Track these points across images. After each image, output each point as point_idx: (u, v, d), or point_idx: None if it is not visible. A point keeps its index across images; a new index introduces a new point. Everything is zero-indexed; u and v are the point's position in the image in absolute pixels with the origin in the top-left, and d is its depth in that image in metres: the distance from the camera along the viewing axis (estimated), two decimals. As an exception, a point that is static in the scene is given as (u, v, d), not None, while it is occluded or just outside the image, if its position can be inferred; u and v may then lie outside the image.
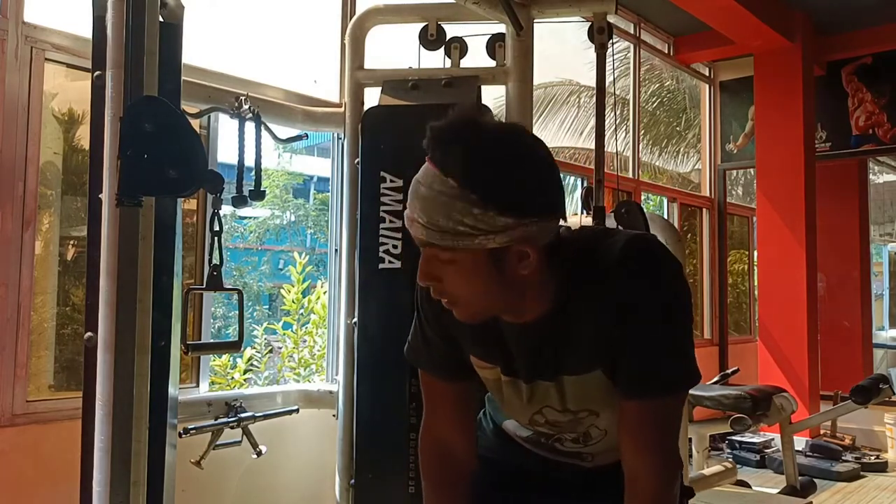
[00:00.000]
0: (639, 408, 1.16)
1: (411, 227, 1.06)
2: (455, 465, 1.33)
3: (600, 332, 1.14)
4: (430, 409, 1.35)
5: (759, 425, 4.15)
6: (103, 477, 1.75)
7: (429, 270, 1.08)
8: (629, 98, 6.18)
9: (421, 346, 1.30)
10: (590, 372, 1.18)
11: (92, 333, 1.84)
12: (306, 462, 3.18)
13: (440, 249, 1.05)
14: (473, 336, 1.23)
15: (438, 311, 1.20)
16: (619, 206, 2.79)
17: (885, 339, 9.27)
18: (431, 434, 1.35)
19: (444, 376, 1.31)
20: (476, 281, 1.07)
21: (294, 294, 5.02)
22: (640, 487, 1.17)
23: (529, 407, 1.27)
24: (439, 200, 1.02)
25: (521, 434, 1.40)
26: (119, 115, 1.73)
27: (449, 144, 1.03)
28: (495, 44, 2.97)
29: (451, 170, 1.02)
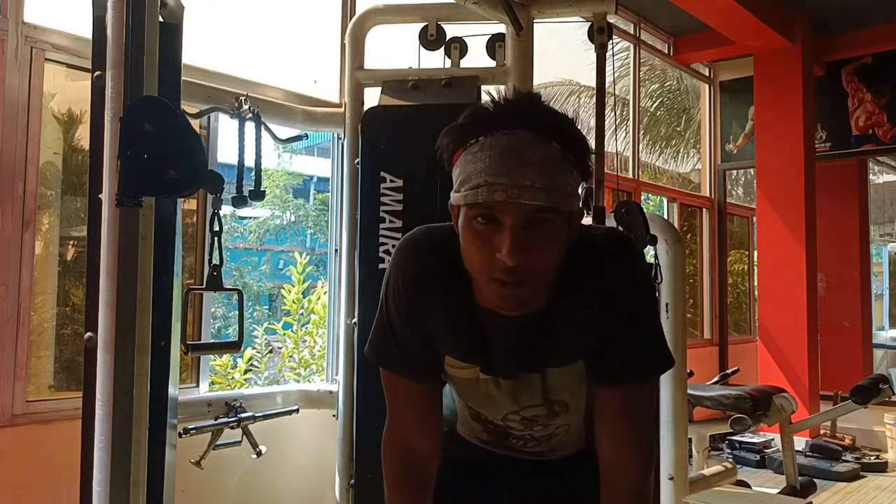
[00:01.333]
0: (620, 394, 1.20)
1: (521, 195, 0.99)
2: (421, 468, 1.30)
3: (583, 322, 1.16)
4: (396, 411, 1.31)
5: (759, 425, 4.15)
6: (103, 477, 1.75)
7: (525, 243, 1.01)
8: (629, 98, 6.18)
9: (390, 347, 1.25)
10: (573, 363, 1.20)
11: (92, 333, 1.84)
12: (306, 462, 3.18)
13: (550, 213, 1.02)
14: (453, 333, 1.21)
15: (418, 307, 1.19)
16: (619, 206, 2.78)
17: (885, 339, 9.27)
18: (396, 436, 1.31)
19: (413, 377, 1.26)
20: (559, 245, 1.06)
21: (294, 294, 5.02)
22: (618, 473, 1.21)
23: (510, 405, 1.26)
24: (551, 163, 1.01)
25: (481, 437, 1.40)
26: (119, 115, 1.73)
27: (546, 112, 1.06)
28: (495, 44, 2.97)
29: (554, 134, 1.03)
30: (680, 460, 2.96)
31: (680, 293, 2.95)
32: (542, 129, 1.03)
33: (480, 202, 1.01)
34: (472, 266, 1.08)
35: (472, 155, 1.03)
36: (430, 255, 1.19)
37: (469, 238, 1.06)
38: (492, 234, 1.03)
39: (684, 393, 3.03)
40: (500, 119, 1.03)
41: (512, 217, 1.01)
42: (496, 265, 1.03)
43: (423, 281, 1.19)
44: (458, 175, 1.06)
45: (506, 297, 1.06)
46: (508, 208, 1.00)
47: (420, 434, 1.30)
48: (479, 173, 1.01)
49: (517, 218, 1.01)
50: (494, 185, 1.00)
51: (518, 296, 1.07)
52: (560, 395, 1.25)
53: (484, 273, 1.06)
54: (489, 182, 1.00)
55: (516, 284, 1.04)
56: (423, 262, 1.19)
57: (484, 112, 1.06)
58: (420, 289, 1.19)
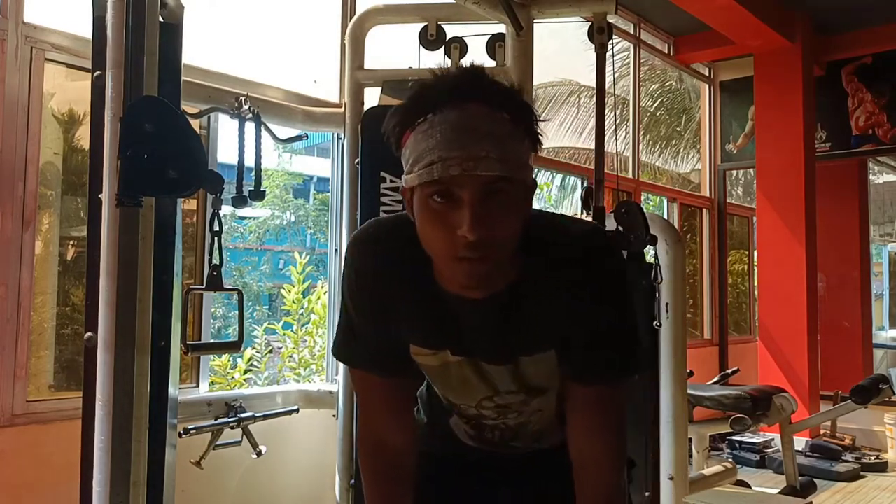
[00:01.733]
0: (596, 393, 1.19)
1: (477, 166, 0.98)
2: (395, 463, 1.29)
3: (556, 313, 1.14)
4: (369, 409, 1.31)
5: (759, 425, 4.15)
6: (103, 477, 1.75)
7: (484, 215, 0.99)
8: (629, 98, 6.18)
9: (354, 343, 1.23)
10: (545, 352, 1.19)
11: (92, 333, 1.84)
12: (306, 462, 3.18)
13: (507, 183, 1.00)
14: (416, 321, 1.18)
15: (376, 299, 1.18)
16: (619, 206, 2.78)
17: (885, 339, 9.27)
18: (373, 434, 1.30)
19: (380, 373, 1.24)
20: (519, 219, 1.05)
21: (294, 294, 5.02)
22: (591, 473, 1.20)
23: (484, 389, 1.25)
24: (503, 133, 1.00)
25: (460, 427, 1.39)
26: (119, 115, 1.73)
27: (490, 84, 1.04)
28: (495, 44, 2.97)
29: (503, 105, 1.02)
30: (680, 460, 2.96)
31: (680, 293, 2.95)
32: (490, 101, 1.01)
33: (436, 178, 0.99)
34: (433, 247, 1.06)
35: (422, 133, 1.01)
36: (383, 246, 1.17)
37: (426, 219, 1.03)
38: (449, 211, 1.01)
39: (684, 393, 3.03)
40: (446, 94, 1.01)
41: (469, 190, 0.99)
42: (458, 243, 1.01)
43: (379, 273, 1.16)
44: (409, 156, 1.04)
45: (470, 274, 1.04)
46: (465, 182, 0.99)
47: (392, 429, 1.28)
48: (432, 150, 0.99)
49: (474, 191, 0.99)
50: (449, 160, 0.98)
51: (482, 272, 1.04)
52: (537, 381, 1.24)
53: (446, 253, 1.04)
54: (443, 157, 0.98)
55: (480, 260, 1.02)
56: (377, 253, 1.17)
57: (429, 89, 1.03)
58: (376, 281, 1.17)
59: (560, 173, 8.17)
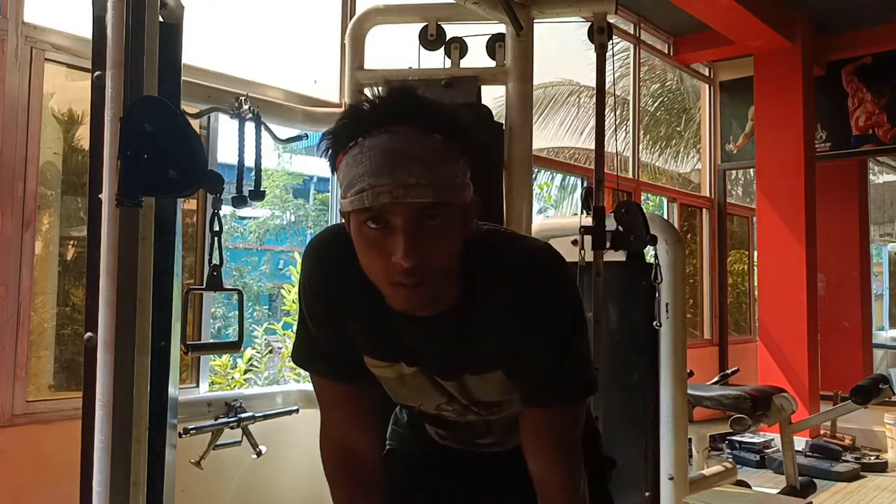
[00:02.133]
0: (545, 415, 1.18)
1: (407, 194, 0.95)
2: (362, 468, 1.28)
3: (502, 334, 1.12)
4: (327, 414, 1.28)
5: (759, 425, 4.15)
6: (103, 477, 1.75)
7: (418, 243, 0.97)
8: (629, 98, 6.18)
9: (310, 349, 1.22)
10: (490, 372, 1.17)
11: (92, 333, 1.84)
12: (306, 462, 3.17)
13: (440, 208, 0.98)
14: (369, 333, 1.17)
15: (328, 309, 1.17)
16: (619, 206, 2.79)
17: (885, 339, 9.27)
18: (332, 439, 1.28)
19: (338, 378, 1.23)
20: (456, 239, 1.02)
21: (294, 294, 5.01)
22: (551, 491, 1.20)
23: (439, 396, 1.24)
24: (434, 156, 0.97)
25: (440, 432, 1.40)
26: (119, 115, 1.73)
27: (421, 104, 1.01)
28: (495, 44, 2.97)
29: (434, 126, 0.99)
30: (680, 460, 2.97)
31: (680, 293, 2.95)
32: (420, 123, 0.98)
33: (367, 206, 0.96)
34: (371, 273, 1.04)
35: (353, 158, 0.99)
36: (337, 256, 1.13)
37: (362, 245, 1.02)
38: (384, 237, 0.99)
39: (684, 393, 3.03)
40: (376, 117, 0.99)
41: (401, 217, 0.97)
42: (394, 269, 0.99)
43: (332, 282, 1.15)
44: (342, 180, 1.01)
45: (409, 298, 1.03)
46: (396, 209, 0.96)
47: (353, 433, 1.27)
48: (362, 176, 0.97)
49: (407, 218, 0.97)
50: (378, 188, 0.95)
51: (421, 296, 1.03)
52: (485, 396, 1.23)
53: (383, 279, 1.02)
54: (373, 185, 0.95)
55: (417, 285, 1.00)
56: (331, 262, 1.15)
57: (359, 112, 1.01)
58: (329, 290, 1.15)
59: (560, 173, 8.18)
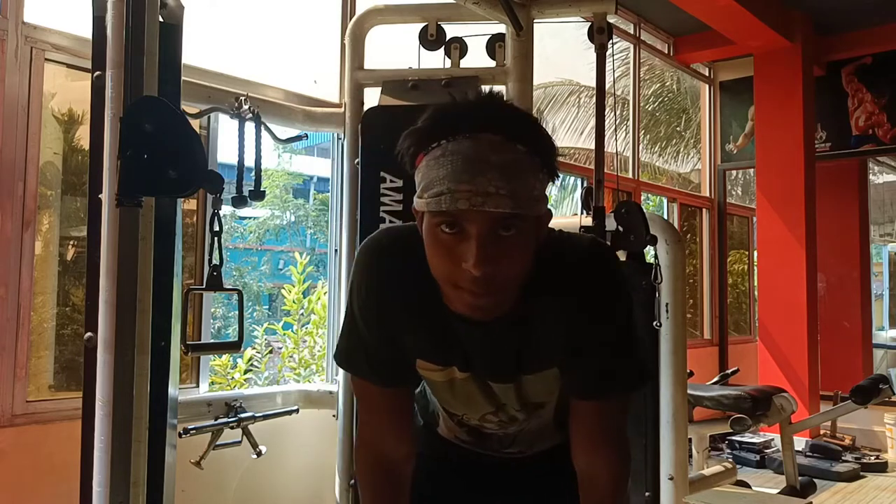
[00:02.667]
0: (598, 407, 1.19)
1: (486, 202, 0.94)
2: (394, 473, 1.28)
3: (559, 332, 1.13)
4: (367, 416, 1.29)
5: (759, 425, 4.15)
6: (103, 477, 1.75)
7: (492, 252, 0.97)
8: (629, 98, 6.18)
9: (358, 351, 1.21)
10: (547, 370, 1.19)
11: (92, 334, 1.84)
12: (306, 462, 3.18)
13: (514, 219, 0.97)
14: (425, 337, 1.17)
15: (384, 311, 1.16)
16: (619, 206, 2.79)
17: (885, 339, 9.27)
18: (370, 443, 1.28)
19: (382, 382, 1.22)
20: (528, 252, 1.02)
21: (294, 294, 5.02)
22: (596, 483, 1.21)
23: (488, 405, 1.25)
24: (516, 167, 0.97)
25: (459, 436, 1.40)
26: (119, 115, 1.73)
27: (507, 113, 1.01)
28: (495, 44, 2.97)
29: (519, 136, 0.98)
30: (680, 460, 2.96)
31: (680, 293, 2.95)
32: (505, 132, 0.98)
33: (444, 210, 0.96)
34: (438, 274, 1.04)
35: (435, 160, 0.98)
36: (394, 259, 1.14)
37: (433, 246, 1.01)
38: (457, 242, 0.98)
39: (684, 393, 3.03)
40: (462, 122, 0.99)
41: (477, 225, 0.96)
42: (462, 275, 0.99)
43: (389, 286, 1.14)
44: (421, 180, 1.01)
45: (473, 306, 1.03)
46: (473, 216, 0.96)
47: (391, 439, 1.26)
48: (442, 180, 0.96)
49: (482, 226, 0.96)
50: (458, 193, 0.95)
51: (485, 305, 1.03)
52: (537, 397, 1.25)
53: (449, 282, 1.02)
54: (452, 189, 0.95)
55: (483, 294, 1.00)
56: (388, 266, 1.15)
57: (445, 114, 1.01)
58: (385, 294, 1.15)
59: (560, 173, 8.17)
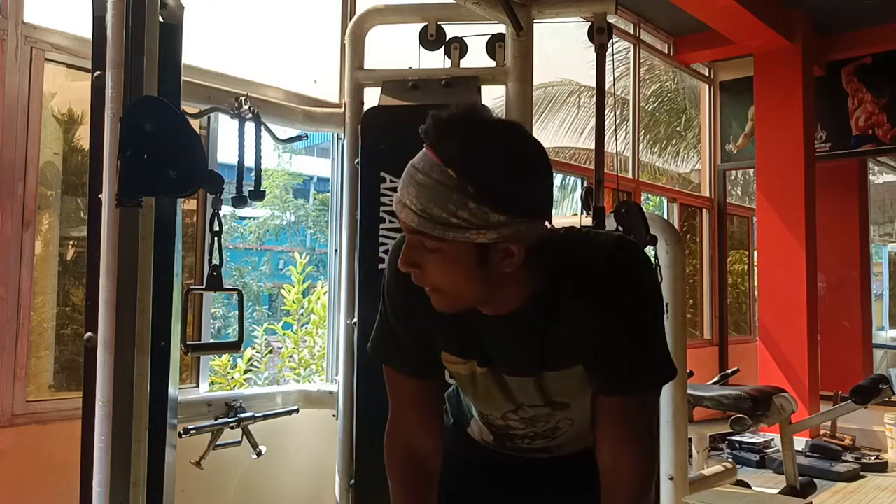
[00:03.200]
0: (622, 404, 1.19)
1: (401, 212, 1.04)
2: (423, 467, 1.32)
3: (584, 328, 1.15)
4: (396, 408, 1.33)
5: (759, 425, 4.15)
6: (103, 477, 1.75)
7: (412, 258, 1.07)
8: (629, 98, 6.18)
9: (388, 342, 1.28)
10: (571, 367, 1.20)
11: (92, 334, 1.84)
12: (306, 462, 3.18)
13: (428, 238, 1.04)
14: (446, 330, 1.21)
15: (409, 305, 1.21)
16: (619, 206, 2.78)
17: (885, 339, 9.27)
18: (398, 434, 1.33)
19: (412, 373, 1.28)
20: (458, 273, 1.06)
21: (294, 294, 5.02)
22: (619, 484, 1.20)
23: (508, 402, 1.27)
24: (437, 190, 1.01)
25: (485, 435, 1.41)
26: (119, 115, 1.73)
27: (452, 135, 1.02)
28: (495, 44, 2.97)
29: (453, 161, 1.01)
30: (680, 460, 2.96)
31: (680, 293, 2.95)
32: (443, 154, 1.01)
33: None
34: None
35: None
36: None
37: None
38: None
39: (684, 393, 3.03)
40: (426, 134, 1.05)
41: (405, 229, 1.07)
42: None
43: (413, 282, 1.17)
44: None
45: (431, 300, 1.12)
46: (401, 221, 1.06)
47: (419, 431, 1.31)
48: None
49: (407, 233, 1.07)
50: (395, 196, 1.07)
51: (435, 301, 1.11)
52: (560, 396, 1.25)
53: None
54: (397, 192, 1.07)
55: (428, 291, 1.11)
56: None
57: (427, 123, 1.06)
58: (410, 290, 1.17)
59: (560, 173, 8.15)
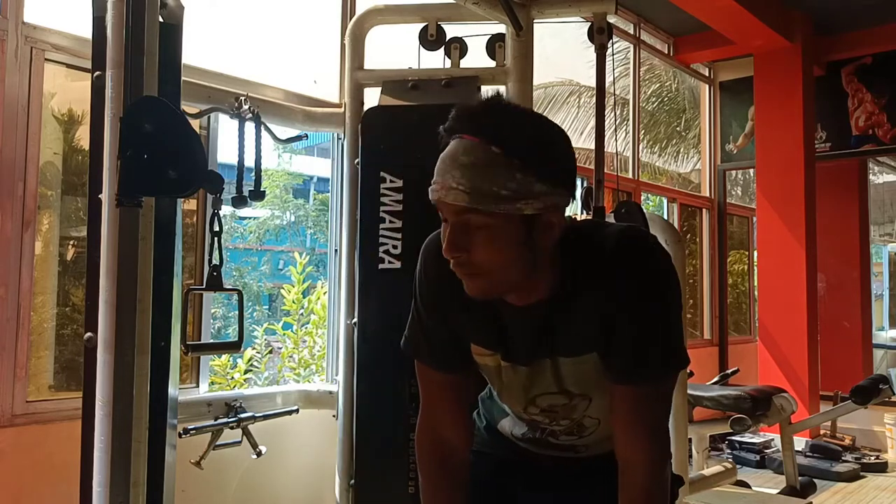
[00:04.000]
0: (634, 392, 1.21)
1: (447, 196, 1.08)
2: (452, 459, 1.37)
3: (597, 316, 1.18)
4: (428, 402, 1.38)
5: (759, 426, 4.15)
6: (103, 477, 1.75)
7: (457, 239, 1.11)
8: (629, 98, 6.18)
9: (420, 338, 1.33)
10: (585, 354, 1.22)
11: (92, 334, 1.84)
12: (306, 462, 3.18)
13: (478, 215, 1.08)
14: (474, 322, 1.26)
15: (439, 300, 1.28)
16: (619, 206, 2.79)
17: (885, 339, 9.27)
18: (429, 427, 1.38)
19: (443, 368, 1.33)
20: (506, 247, 1.10)
21: (294, 294, 5.01)
22: (634, 469, 1.23)
23: (526, 392, 1.30)
24: (484, 167, 1.07)
25: (517, 432, 1.43)
26: (119, 115, 1.73)
27: (489, 117, 1.10)
28: (495, 44, 2.97)
29: (495, 138, 1.07)
30: (680, 461, 2.97)
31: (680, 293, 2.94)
32: (483, 135, 1.08)
33: (431, 200, 1.13)
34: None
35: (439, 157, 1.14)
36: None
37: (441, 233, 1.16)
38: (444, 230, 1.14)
39: (684, 393, 3.03)
40: (455, 124, 1.11)
41: (449, 215, 1.12)
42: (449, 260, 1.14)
43: (442, 279, 1.23)
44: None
45: (468, 286, 1.15)
46: (444, 207, 1.12)
47: (448, 423, 1.36)
48: (434, 174, 1.13)
49: (451, 217, 1.11)
50: (433, 186, 1.12)
51: (474, 286, 1.15)
52: (578, 386, 1.27)
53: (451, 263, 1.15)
54: (433, 183, 1.12)
55: (468, 276, 1.14)
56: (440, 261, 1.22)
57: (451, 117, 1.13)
58: (440, 286, 1.25)
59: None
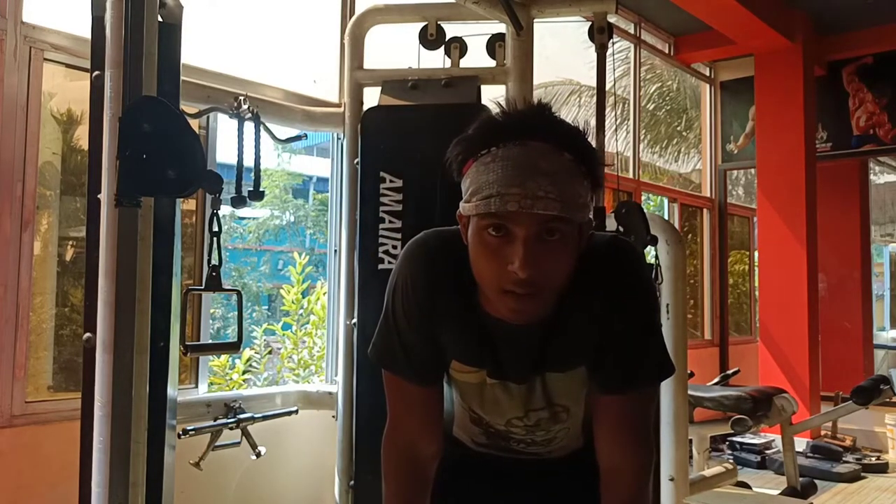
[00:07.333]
0: (620, 402, 1.20)
1: (535, 205, 0.99)
2: (420, 469, 1.31)
3: (585, 329, 1.16)
4: (398, 414, 1.31)
5: (760, 426, 4.15)
6: (102, 478, 1.74)
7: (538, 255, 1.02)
8: (629, 98, 6.18)
9: (395, 350, 1.24)
10: (574, 369, 1.21)
11: (91, 334, 1.83)
12: (306, 463, 3.17)
13: (564, 224, 1.03)
14: (464, 338, 1.21)
15: (430, 312, 1.19)
16: (620, 206, 2.78)
17: (886, 339, 9.27)
18: (398, 438, 1.31)
19: (417, 380, 1.26)
20: (570, 258, 1.07)
21: (293, 295, 5.01)
22: (621, 476, 1.21)
23: (515, 409, 1.26)
24: (564, 175, 1.02)
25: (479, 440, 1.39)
26: (118, 115, 1.72)
27: (555, 124, 1.06)
28: (495, 44, 2.97)
29: (566, 145, 1.04)
30: (680, 461, 2.96)
31: (680, 294, 2.94)
32: (554, 140, 1.03)
33: (493, 212, 1.01)
34: (482, 278, 1.08)
35: (485, 166, 1.03)
36: (438, 261, 1.18)
37: (480, 250, 1.06)
38: (503, 245, 1.03)
39: (685, 394, 3.02)
40: (511, 130, 1.04)
41: (525, 228, 1.01)
42: (507, 277, 1.03)
43: (432, 286, 1.18)
44: (469, 185, 1.06)
45: (517, 310, 1.07)
46: (521, 219, 1.01)
47: (422, 436, 1.29)
48: (492, 184, 1.01)
49: (530, 229, 1.01)
50: (507, 196, 1.00)
51: (529, 308, 1.07)
52: (562, 399, 1.25)
53: (494, 285, 1.06)
54: (502, 193, 1.00)
55: (528, 297, 1.05)
56: (432, 267, 1.19)
57: (495, 123, 1.06)
58: (428, 294, 1.18)
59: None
